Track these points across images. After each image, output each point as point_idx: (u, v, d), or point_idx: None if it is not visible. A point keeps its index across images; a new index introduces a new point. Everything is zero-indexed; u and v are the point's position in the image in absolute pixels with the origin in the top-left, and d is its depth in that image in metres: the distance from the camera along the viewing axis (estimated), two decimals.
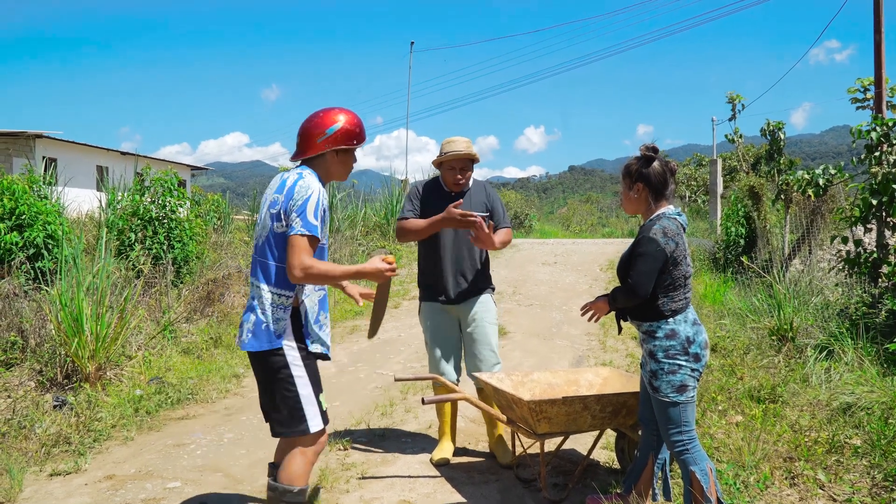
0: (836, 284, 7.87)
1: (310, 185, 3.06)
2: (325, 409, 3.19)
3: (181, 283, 9.37)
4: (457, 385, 4.51)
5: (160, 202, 9.45)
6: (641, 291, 3.29)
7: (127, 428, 5.30)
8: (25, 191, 7.91)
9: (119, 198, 9.86)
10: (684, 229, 3.43)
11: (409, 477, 4.41)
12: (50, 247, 7.71)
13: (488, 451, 4.86)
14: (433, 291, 4.67)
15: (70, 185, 12.97)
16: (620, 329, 3.79)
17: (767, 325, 7.00)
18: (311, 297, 3.20)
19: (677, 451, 3.33)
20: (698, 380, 3.34)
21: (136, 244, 8.95)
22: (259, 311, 3.10)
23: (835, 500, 3.80)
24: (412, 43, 31.03)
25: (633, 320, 3.49)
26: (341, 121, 3.20)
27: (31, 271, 7.49)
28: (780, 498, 3.84)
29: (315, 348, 3.19)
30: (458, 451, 4.86)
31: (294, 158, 3.27)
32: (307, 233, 2.97)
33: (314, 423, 3.12)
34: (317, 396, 3.15)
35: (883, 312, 6.29)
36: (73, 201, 11.68)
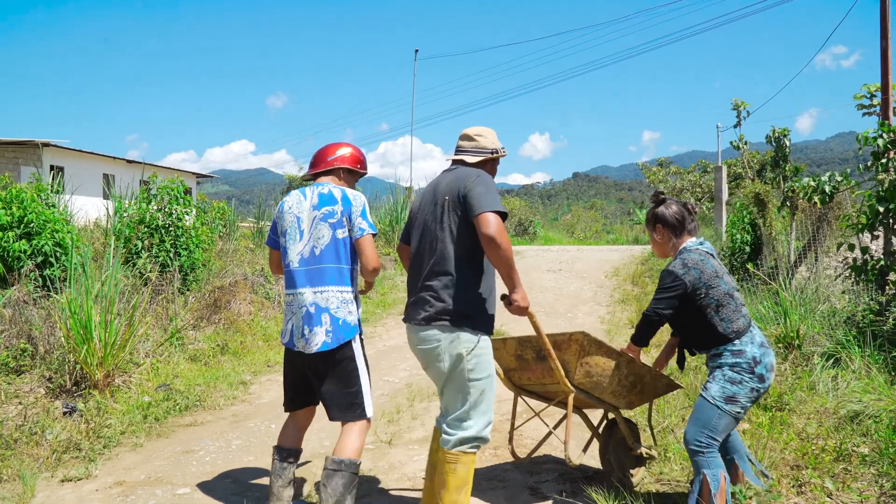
0: (843, 292, 7.86)
1: (358, 195, 3.70)
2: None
3: (188, 290, 9.40)
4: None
5: (167, 210, 9.49)
6: (655, 315, 3.56)
7: (136, 434, 5.33)
8: (34, 199, 7.95)
9: (126, 206, 9.89)
10: (712, 255, 3.62)
11: (416, 486, 4.42)
12: (58, 255, 7.75)
13: (493, 456, 4.87)
14: (492, 323, 3.64)
15: (77, 194, 13.01)
16: (683, 365, 3.91)
17: (774, 333, 6.99)
18: (355, 289, 3.76)
19: (693, 450, 3.42)
20: (755, 401, 3.46)
21: (143, 252, 8.98)
22: (332, 311, 3.59)
23: None
24: (416, 51, 31.18)
25: (698, 351, 3.67)
26: (350, 147, 3.91)
27: (40, 279, 7.53)
28: None
29: (363, 332, 3.79)
30: None
31: (306, 177, 3.99)
32: (373, 231, 3.65)
33: (370, 410, 3.64)
34: (370, 387, 3.69)
35: (890, 320, 6.28)
36: (80, 209, 11.71)
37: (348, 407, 3.60)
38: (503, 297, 3.43)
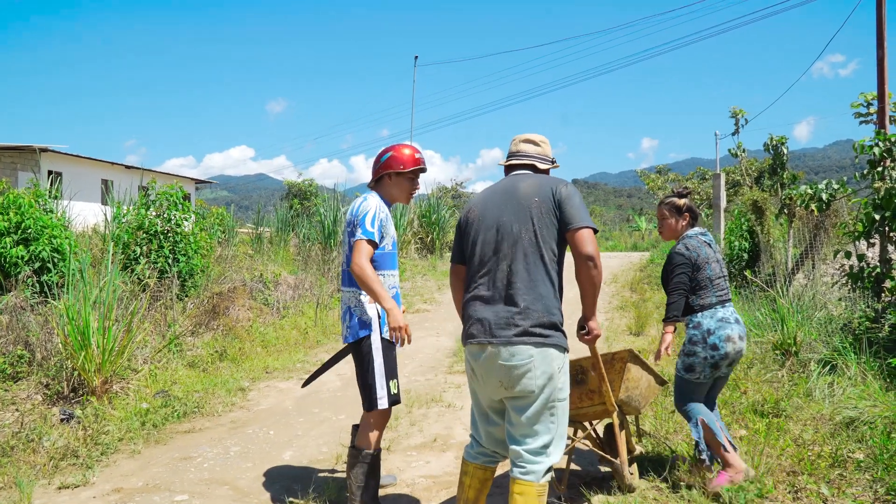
0: (840, 299, 7.88)
1: (369, 203, 3.91)
2: (394, 393, 3.94)
3: (186, 296, 9.40)
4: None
5: (165, 216, 9.50)
6: (682, 286, 4.19)
7: (134, 441, 5.33)
8: (31, 205, 7.95)
9: (124, 212, 9.89)
10: (710, 245, 4.29)
11: (415, 492, 4.43)
12: (56, 260, 7.75)
13: None
14: None
15: (75, 199, 13.01)
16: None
17: (771, 340, 7.01)
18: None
19: (680, 412, 4.28)
20: (715, 366, 4.11)
21: (142, 258, 8.98)
22: (352, 309, 3.95)
23: None
24: (416, 57, 31.26)
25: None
26: (392, 151, 4.06)
27: (38, 285, 7.53)
28: None
29: (387, 334, 3.90)
30: None
31: (369, 185, 4.16)
32: (365, 237, 3.80)
33: (381, 403, 3.89)
34: (387, 382, 3.91)
35: (886, 327, 6.31)
36: (78, 215, 11.70)
37: (366, 397, 3.95)
38: (580, 327, 3.36)
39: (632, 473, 4.26)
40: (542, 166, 3.50)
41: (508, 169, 3.55)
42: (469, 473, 3.44)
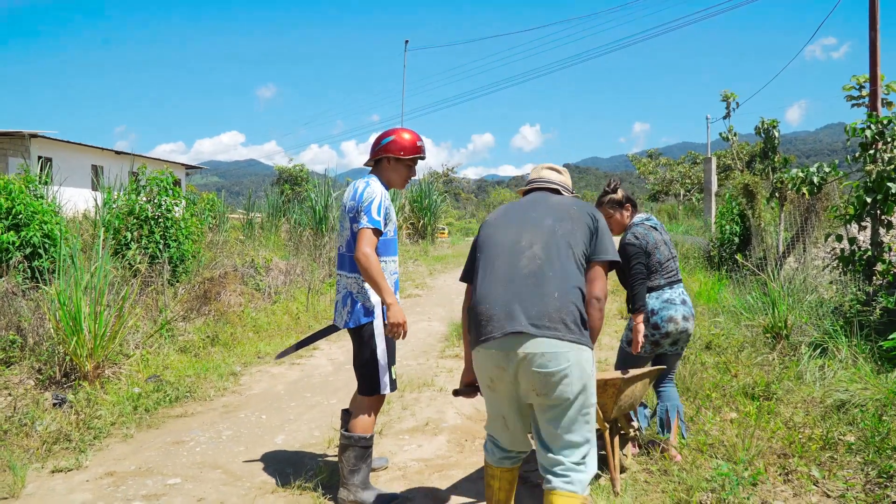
0: (831, 282, 7.91)
1: (374, 190, 3.84)
2: (394, 378, 4.00)
3: (177, 282, 9.38)
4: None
5: (156, 201, 9.46)
6: (641, 275, 4.32)
7: (126, 425, 5.32)
8: (22, 190, 7.90)
9: (115, 197, 9.85)
10: (656, 229, 4.49)
11: (407, 475, 4.44)
12: (47, 246, 7.71)
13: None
14: None
15: (66, 185, 12.93)
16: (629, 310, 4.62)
17: (762, 323, 7.04)
18: (388, 279, 3.90)
19: None
20: (655, 343, 4.39)
21: (133, 243, 8.95)
22: (354, 295, 3.91)
23: (828, 496, 3.84)
24: (406, 41, 31.20)
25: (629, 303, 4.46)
26: (393, 135, 4.02)
27: (29, 270, 7.49)
28: (775, 494, 3.88)
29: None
30: (455, 448, 4.90)
31: (366, 164, 4.15)
32: (371, 226, 3.74)
33: (384, 388, 3.93)
34: (390, 367, 3.95)
35: (877, 310, 6.33)
36: (68, 201, 11.64)
37: (365, 382, 3.94)
38: None
39: (625, 455, 4.29)
40: (565, 193, 3.45)
41: (528, 193, 3.48)
42: (497, 477, 3.32)
